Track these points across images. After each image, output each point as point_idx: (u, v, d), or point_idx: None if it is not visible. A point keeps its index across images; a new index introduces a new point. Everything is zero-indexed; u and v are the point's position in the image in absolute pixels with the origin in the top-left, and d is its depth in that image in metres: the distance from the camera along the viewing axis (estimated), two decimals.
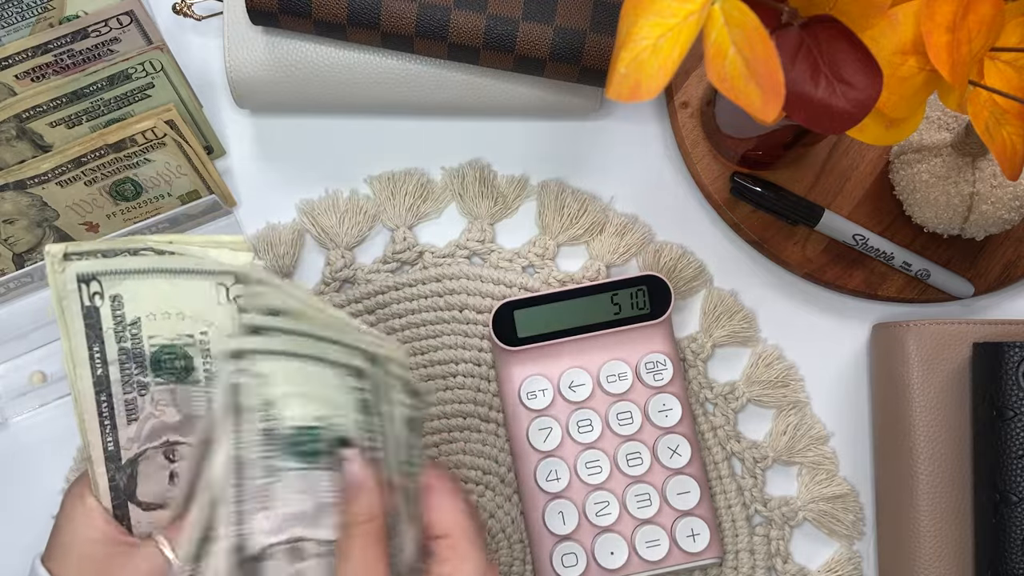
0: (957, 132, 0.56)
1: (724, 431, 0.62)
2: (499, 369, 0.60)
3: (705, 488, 0.59)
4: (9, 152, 0.58)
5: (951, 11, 0.40)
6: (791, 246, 0.62)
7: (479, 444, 0.61)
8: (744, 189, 0.61)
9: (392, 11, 0.55)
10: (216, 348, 0.46)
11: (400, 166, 0.63)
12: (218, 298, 0.45)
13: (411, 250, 0.62)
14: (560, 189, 0.63)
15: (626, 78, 0.37)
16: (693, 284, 0.63)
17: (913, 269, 0.61)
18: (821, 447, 0.62)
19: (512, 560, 0.60)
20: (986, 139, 0.42)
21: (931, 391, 0.58)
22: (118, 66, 0.57)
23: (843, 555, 0.61)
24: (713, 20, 0.36)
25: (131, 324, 0.45)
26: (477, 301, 0.61)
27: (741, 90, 0.36)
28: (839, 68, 0.40)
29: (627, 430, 0.59)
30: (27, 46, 0.57)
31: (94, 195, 0.59)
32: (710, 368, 0.63)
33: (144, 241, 0.45)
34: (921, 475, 0.57)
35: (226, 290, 0.45)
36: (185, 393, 0.46)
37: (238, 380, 0.43)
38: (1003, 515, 0.54)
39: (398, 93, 0.59)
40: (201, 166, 0.60)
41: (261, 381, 0.43)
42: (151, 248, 0.45)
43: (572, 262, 0.63)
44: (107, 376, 0.45)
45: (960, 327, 0.58)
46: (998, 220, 0.56)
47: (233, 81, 0.59)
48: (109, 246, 0.45)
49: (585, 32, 0.55)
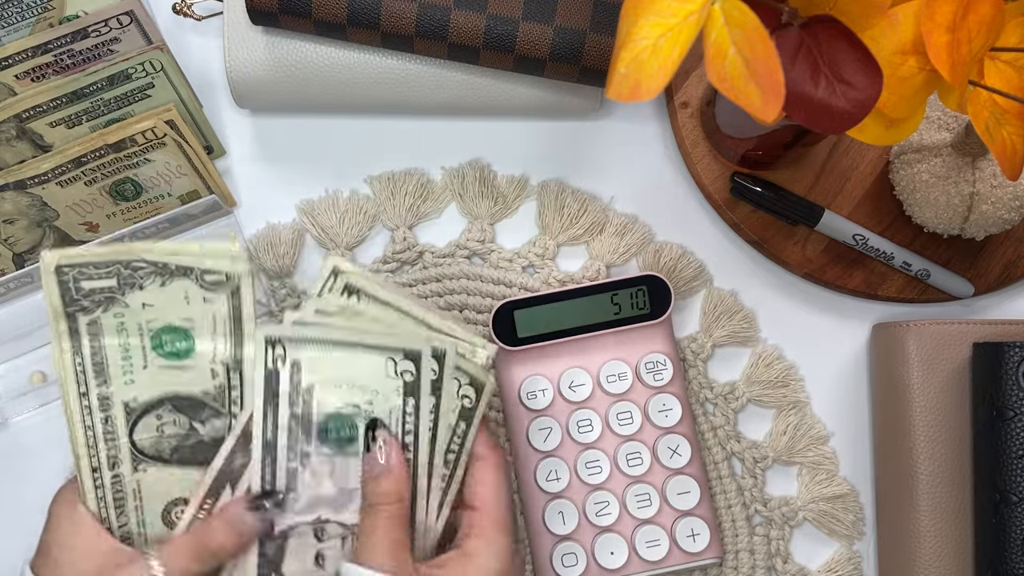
0: (957, 132, 0.56)
1: (724, 431, 0.62)
2: (499, 369, 0.60)
3: (705, 488, 0.59)
4: (9, 152, 0.58)
5: (951, 11, 0.40)
6: (791, 246, 0.62)
7: None
8: (744, 189, 0.61)
9: (392, 11, 0.55)
10: (383, 420, 0.46)
11: (400, 166, 0.63)
12: (387, 371, 0.46)
13: (411, 250, 0.62)
14: (560, 189, 0.63)
15: (626, 78, 0.37)
16: (693, 284, 0.63)
17: (913, 269, 0.61)
18: (821, 447, 0.62)
19: None
20: (986, 139, 0.42)
21: (931, 391, 0.58)
22: (118, 66, 0.57)
23: (843, 555, 0.61)
24: (713, 20, 0.36)
25: (305, 390, 0.46)
26: (477, 301, 0.61)
27: (741, 90, 0.36)
28: (839, 68, 0.40)
29: (627, 430, 0.59)
30: (27, 46, 0.57)
31: (94, 195, 0.59)
32: (710, 368, 0.63)
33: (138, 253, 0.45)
34: (921, 475, 0.57)
35: (395, 364, 0.46)
36: (343, 464, 0.47)
37: (272, 367, 0.45)
38: (1003, 515, 0.54)
39: (398, 93, 0.59)
40: (201, 166, 0.60)
41: (295, 368, 0.45)
42: (323, 314, 0.47)
43: (572, 262, 0.63)
44: (275, 442, 0.46)
45: (960, 327, 0.58)
46: (998, 220, 0.56)
47: (233, 81, 0.59)
48: (101, 257, 0.45)
49: (585, 32, 0.55)
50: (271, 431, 0.46)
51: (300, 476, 0.46)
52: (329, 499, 0.47)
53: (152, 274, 0.45)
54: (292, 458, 0.46)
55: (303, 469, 0.46)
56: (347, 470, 0.46)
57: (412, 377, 0.46)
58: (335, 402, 0.46)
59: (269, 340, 0.45)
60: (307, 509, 0.46)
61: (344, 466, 0.46)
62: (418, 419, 0.46)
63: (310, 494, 0.46)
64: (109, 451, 0.46)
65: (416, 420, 0.46)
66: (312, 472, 0.46)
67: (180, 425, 0.47)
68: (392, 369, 0.45)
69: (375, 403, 0.46)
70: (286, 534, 0.46)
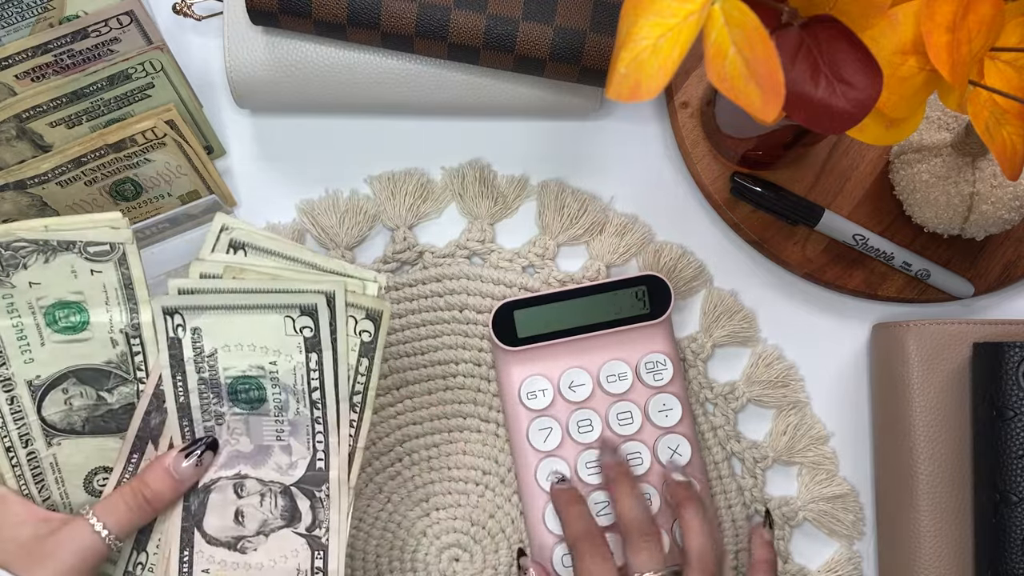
0: (957, 132, 0.56)
1: (724, 431, 0.62)
2: (499, 369, 0.60)
3: (705, 488, 0.59)
4: (9, 152, 0.58)
5: (951, 11, 0.40)
6: (791, 246, 0.62)
7: (479, 444, 0.61)
8: (744, 189, 0.61)
9: (392, 11, 0.55)
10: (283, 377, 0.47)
11: (400, 166, 0.63)
12: (285, 329, 0.47)
13: (411, 250, 0.62)
14: (560, 189, 0.63)
15: (626, 78, 0.37)
16: (693, 284, 0.63)
17: (913, 269, 0.61)
18: (821, 447, 0.62)
19: (512, 560, 0.60)
20: (986, 139, 0.42)
21: (931, 391, 0.58)
22: (118, 66, 0.57)
23: (843, 555, 0.61)
24: (713, 20, 0.36)
25: (209, 355, 0.47)
26: (477, 301, 0.61)
27: (741, 90, 0.36)
28: (839, 68, 0.40)
29: (627, 430, 0.59)
30: (27, 46, 0.57)
31: (94, 195, 0.59)
32: (710, 368, 0.63)
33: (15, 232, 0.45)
34: (921, 475, 0.57)
35: (292, 321, 0.46)
36: (257, 423, 0.48)
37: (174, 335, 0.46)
38: (1003, 515, 0.54)
39: (398, 93, 0.59)
40: (201, 166, 0.60)
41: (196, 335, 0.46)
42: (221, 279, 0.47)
43: (572, 262, 0.63)
44: (188, 404, 0.47)
45: (960, 327, 0.58)
46: (998, 220, 0.56)
47: (233, 81, 0.59)
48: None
49: (585, 32, 0.55)
50: (182, 395, 0.47)
51: (218, 433, 0.48)
52: (247, 455, 0.48)
53: (34, 252, 0.46)
54: (207, 418, 0.48)
55: (219, 427, 0.48)
56: (261, 428, 0.48)
57: (311, 332, 0.46)
58: (240, 365, 0.47)
59: (166, 310, 0.46)
60: (227, 464, 0.48)
61: (258, 424, 0.48)
62: (323, 374, 0.47)
63: (229, 450, 0.48)
64: (20, 430, 0.47)
65: (320, 374, 0.47)
66: (228, 429, 0.48)
67: (88, 396, 0.48)
68: (291, 326, 0.46)
69: (279, 363, 0.47)
70: (208, 488, 0.48)
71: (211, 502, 0.48)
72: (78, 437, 0.48)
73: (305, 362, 0.47)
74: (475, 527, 0.61)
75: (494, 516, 0.61)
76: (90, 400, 0.48)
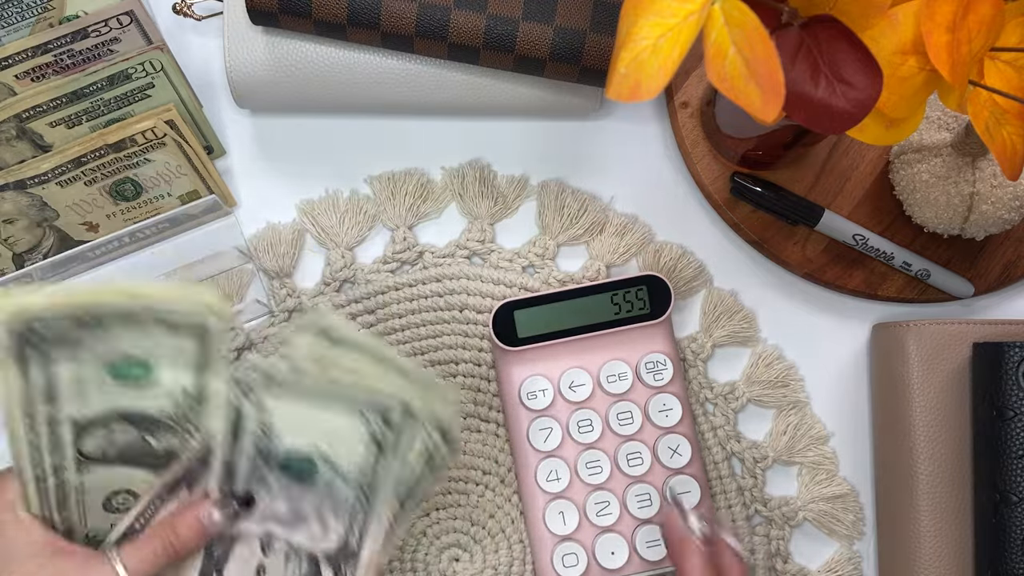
0: (957, 132, 0.56)
1: (724, 431, 0.62)
2: (499, 369, 0.60)
3: (705, 488, 0.59)
4: (9, 152, 0.58)
5: (951, 11, 0.40)
6: (791, 246, 0.62)
7: (479, 444, 0.61)
8: (744, 189, 0.61)
9: (392, 11, 0.55)
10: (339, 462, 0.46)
11: (400, 166, 0.63)
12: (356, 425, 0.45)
13: (411, 250, 0.62)
14: (560, 189, 0.63)
15: (626, 78, 0.37)
16: (693, 284, 0.63)
17: (913, 269, 0.61)
18: (821, 447, 0.62)
19: (512, 560, 0.60)
20: (986, 139, 0.42)
21: (931, 391, 0.58)
22: (118, 66, 0.57)
23: (843, 555, 0.61)
24: (713, 20, 0.36)
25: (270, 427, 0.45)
26: (477, 301, 0.61)
27: (741, 90, 0.36)
28: (839, 68, 0.40)
29: (627, 430, 0.59)
30: (27, 46, 0.57)
31: (94, 195, 0.59)
32: (710, 368, 0.63)
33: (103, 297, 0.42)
34: (921, 475, 0.57)
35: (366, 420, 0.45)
36: (300, 493, 0.47)
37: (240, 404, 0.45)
38: (1003, 515, 0.54)
39: (398, 93, 0.59)
40: (201, 166, 0.60)
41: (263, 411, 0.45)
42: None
43: (572, 262, 0.63)
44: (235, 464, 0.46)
45: (960, 327, 0.58)
46: (998, 220, 0.56)
47: (233, 81, 0.59)
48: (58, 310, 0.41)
49: (585, 32, 0.55)
50: (233, 456, 0.46)
51: (256, 492, 0.47)
52: (281, 516, 0.47)
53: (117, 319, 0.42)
54: (251, 480, 0.47)
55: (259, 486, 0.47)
56: (303, 498, 0.47)
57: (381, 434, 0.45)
58: (299, 442, 0.46)
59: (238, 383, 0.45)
60: (259, 519, 0.47)
61: (300, 494, 0.47)
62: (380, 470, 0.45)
63: (264, 507, 0.47)
64: (54, 460, 0.45)
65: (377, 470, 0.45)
66: (269, 491, 0.47)
67: (130, 434, 0.46)
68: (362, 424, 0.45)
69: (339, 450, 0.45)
70: (235, 538, 0.47)
71: (235, 553, 0.47)
72: (109, 465, 0.46)
73: (367, 456, 0.45)
74: (475, 527, 0.61)
75: (494, 516, 0.61)
76: (133, 437, 0.46)
